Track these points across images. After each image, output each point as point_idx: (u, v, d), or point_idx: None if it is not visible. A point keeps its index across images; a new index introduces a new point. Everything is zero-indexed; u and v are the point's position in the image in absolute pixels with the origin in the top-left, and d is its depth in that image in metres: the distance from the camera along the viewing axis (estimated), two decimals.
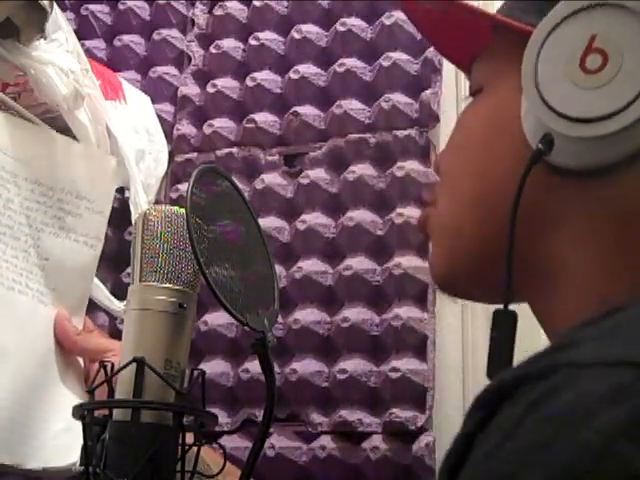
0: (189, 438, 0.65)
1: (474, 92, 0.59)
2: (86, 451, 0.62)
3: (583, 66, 0.48)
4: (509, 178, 0.51)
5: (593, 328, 0.39)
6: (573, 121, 0.48)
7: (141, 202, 0.98)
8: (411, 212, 1.13)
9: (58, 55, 0.88)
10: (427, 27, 0.64)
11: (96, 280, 0.95)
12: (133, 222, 0.77)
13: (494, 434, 0.36)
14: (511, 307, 0.53)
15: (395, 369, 1.08)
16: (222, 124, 1.27)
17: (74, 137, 0.92)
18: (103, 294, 0.97)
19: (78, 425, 0.64)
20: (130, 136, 1.02)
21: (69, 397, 0.84)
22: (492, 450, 0.36)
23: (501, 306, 0.52)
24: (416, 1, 0.61)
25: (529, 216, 0.51)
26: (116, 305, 0.97)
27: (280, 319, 1.14)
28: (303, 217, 1.19)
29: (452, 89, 1.18)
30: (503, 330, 0.52)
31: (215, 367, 1.17)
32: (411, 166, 1.14)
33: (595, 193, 0.50)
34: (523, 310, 0.55)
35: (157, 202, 1.11)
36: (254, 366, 1.13)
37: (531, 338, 0.56)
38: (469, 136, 0.58)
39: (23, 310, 0.84)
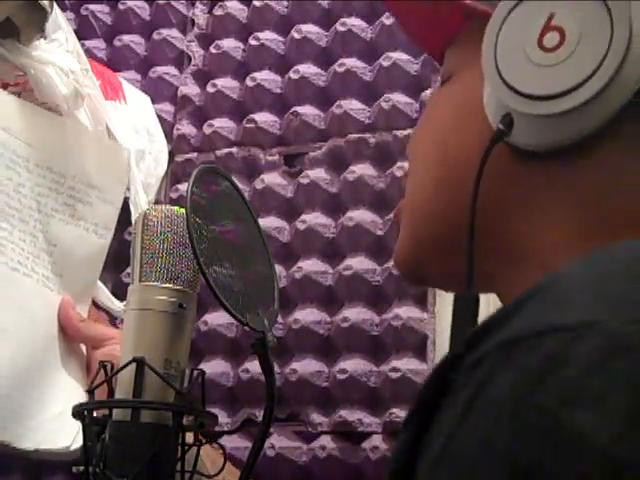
0: (189, 438, 0.65)
1: (444, 80, 0.58)
2: (86, 451, 0.62)
3: (541, 44, 0.48)
4: (472, 163, 0.50)
5: (526, 298, 0.37)
6: (531, 99, 0.47)
7: (141, 202, 0.98)
8: None
9: (58, 55, 0.88)
10: (403, 14, 0.63)
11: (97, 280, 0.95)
12: (133, 222, 0.77)
13: (437, 438, 0.36)
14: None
15: (395, 369, 1.08)
16: (222, 124, 1.27)
17: None
18: (104, 294, 0.97)
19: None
20: (130, 136, 1.01)
21: (69, 382, 0.85)
22: (438, 456, 0.35)
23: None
24: None
25: (493, 201, 0.51)
26: (116, 305, 0.97)
27: (280, 319, 1.14)
28: (303, 217, 1.19)
29: None
30: (465, 314, 0.50)
31: (215, 367, 1.17)
32: None
33: (558, 178, 0.49)
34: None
35: (157, 202, 1.10)
36: (254, 366, 1.13)
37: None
38: (433, 121, 0.58)
39: (27, 292, 0.83)
